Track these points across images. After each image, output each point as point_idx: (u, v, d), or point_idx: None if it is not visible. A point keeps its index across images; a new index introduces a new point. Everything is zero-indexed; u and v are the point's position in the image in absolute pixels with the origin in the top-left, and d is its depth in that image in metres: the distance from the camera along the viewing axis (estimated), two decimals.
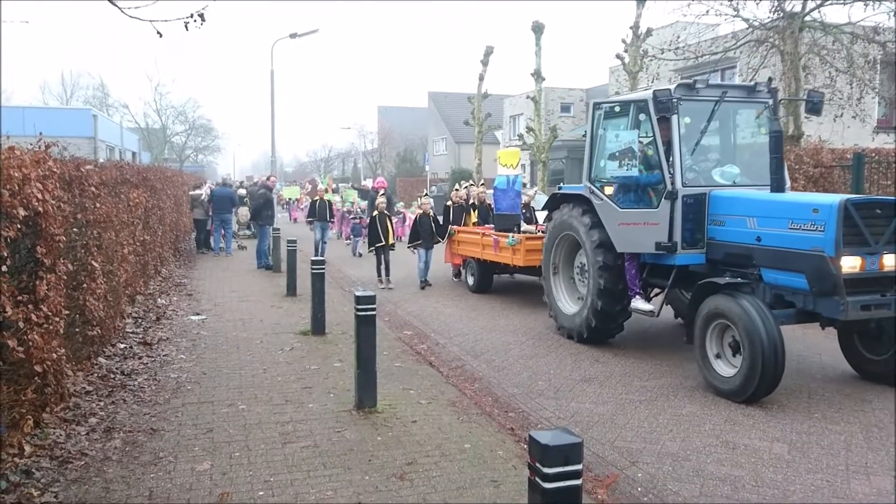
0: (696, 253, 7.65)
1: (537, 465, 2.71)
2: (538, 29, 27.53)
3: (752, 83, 8.18)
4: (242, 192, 22.50)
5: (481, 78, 32.54)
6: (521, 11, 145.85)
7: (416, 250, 13.80)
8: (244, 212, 21.78)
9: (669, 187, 7.53)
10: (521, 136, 31.31)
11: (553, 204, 9.71)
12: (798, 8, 15.26)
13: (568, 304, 9.42)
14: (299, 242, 13.65)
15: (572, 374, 7.58)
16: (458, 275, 14.50)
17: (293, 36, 21.85)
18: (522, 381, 7.38)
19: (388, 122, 67.12)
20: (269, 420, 5.88)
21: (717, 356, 6.81)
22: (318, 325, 9.15)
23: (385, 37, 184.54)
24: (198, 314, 10.45)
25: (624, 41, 21.73)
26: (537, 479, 2.72)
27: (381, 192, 15.79)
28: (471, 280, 13.38)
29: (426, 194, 15.77)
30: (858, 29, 15.79)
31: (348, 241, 21.18)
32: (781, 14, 15.35)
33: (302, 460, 5.04)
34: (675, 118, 7.52)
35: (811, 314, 6.72)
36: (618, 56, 21.94)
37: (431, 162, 49.67)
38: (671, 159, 7.60)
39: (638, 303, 8.30)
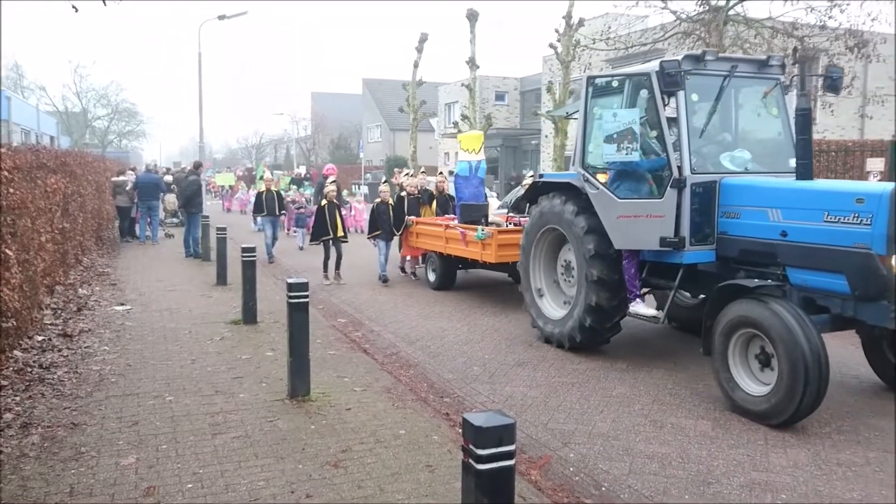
0: (705, 249, 6.71)
1: (471, 446, 2.72)
2: (473, 17, 27.61)
3: (765, 56, 7.19)
4: (169, 178, 21.78)
5: (416, 65, 32.42)
6: None
7: (375, 242, 12.75)
8: (171, 199, 21.12)
9: (676, 174, 6.55)
10: (456, 124, 31.37)
11: (533, 194, 8.53)
12: (722, 2, 15.77)
13: (554, 309, 8.31)
14: (229, 230, 13.32)
15: (507, 359, 7.66)
16: (412, 273, 13.39)
17: (221, 17, 21.21)
18: (457, 366, 7.41)
19: (321, 108, 66.12)
20: (198, 411, 5.72)
21: (743, 371, 5.87)
22: (249, 314, 8.95)
23: (319, 22, 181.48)
24: (122, 304, 10.06)
25: (557, 31, 22.00)
26: (471, 460, 2.72)
27: (332, 179, 14.21)
28: (432, 276, 12.16)
29: (385, 181, 14.01)
30: (778, 24, 16.42)
31: (293, 232, 19.68)
32: (707, 7, 15.84)
33: (232, 451, 4.92)
34: (681, 94, 6.58)
35: (850, 321, 5.86)
36: (551, 45, 22.20)
37: (366, 149, 49.20)
38: (678, 142, 6.66)
39: (639, 307, 7.21)
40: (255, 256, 9.14)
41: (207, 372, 6.84)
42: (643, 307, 7.23)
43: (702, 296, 7.80)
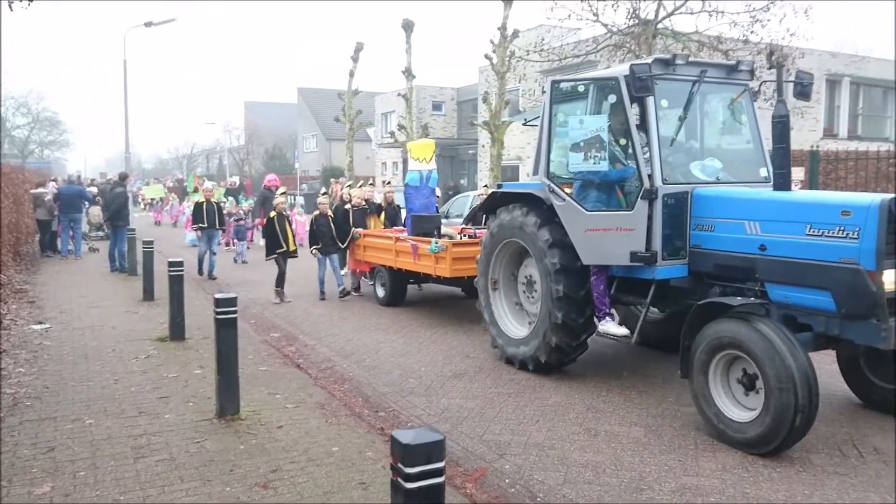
0: (677, 264, 6.36)
1: (399, 465, 2.65)
2: (408, 26, 27.59)
3: (734, 61, 6.96)
4: (94, 190, 20.96)
5: (352, 74, 32.18)
6: (392, 8, 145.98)
7: (316, 255, 12.12)
8: (96, 212, 20.34)
9: (647, 185, 6.18)
10: (392, 134, 31.27)
11: (491, 206, 8.03)
12: (651, 16, 16.22)
13: (515, 328, 7.84)
14: (161, 244, 12.90)
15: (443, 371, 7.60)
16: (355, 289, 12.55)
17: (148, 24, 20.58)
18: (393, 379, 7.31)
19: (255, 117, 64.94)
20: (120, 434, 5.45)
21: (725, 395, 5.49)
22: (176, 331, 8.64)
23: (252, 30, 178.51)
24: (40, 323, 9.57)
25: (492, 42, 22.18)
26: (399, 479, 2.65)
27: (281, 190, 13.94)
28: (381, 291, 11.53)
29: (324, 192, 13.41)
30: (704, 38, 17.00)
31: (233, 246, 18.48)
32: (637, 21, 16.26)
33: (156, 475, 4.70)
34: (651, 100, 6.25)
35: (834, 340, 5.55)
36: (486, 56, 22.37)
37: (301, 159, 48.65)
38: (648, 150, 6.33)
39: (609, 325, 6.83)
40: (182, 270, 8.85)
41: (131, 392, 6.55)
42: (613, 326, 6.84)
43: (668, 311, 7.40)
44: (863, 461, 5.19)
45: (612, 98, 6.43)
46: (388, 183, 14.75)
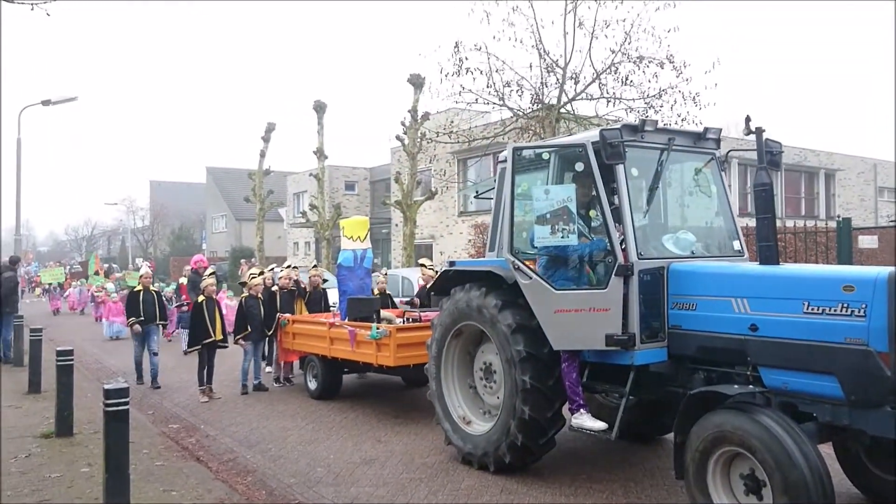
0: (657, 347, 5.79)
1: None
2: (320, 108, 27.96)
3: (702, 128, 6.63)
4: None
5: (262, 154, 32.14)
6: (304, 89, 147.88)
7: (247, 343, 10.91)
8: None
9: (621, 260, 5.69)
10: (304, 214, 31.09)
11: (443, 285, 7.34)
12: (555, 101, 17.04)
13: (475, 423, 7.03)
14: (49, 330, 12.06)
15: (353, 457, 7.30)
16: (286, 379, 11.59)
17: (46, 103, 19.92)
18: (300, 469, 6.95)
19: (161, 197, 63.40)
20: None
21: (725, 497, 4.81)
22: (63, 426, 7.99)
23: (159, 107, 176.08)
24: None
25: (403, 124, 22.71)
26: None
27: (210, 271, 12.02)
28: (312, 384, 10.46)
29: (262, 273, 12.02)
30: (604, 121, 17.96)
31: (176, 335, 16.52)
32: (541, 105, 17.03)
33: None
34: (621, 168, 5.82)
35: (842, 430, 4.93)
36: (398, 137, 22.84)
37: (210, 240, 47.52)
38: (619, 223, 5.90)
39: (583, 419, 6.01)
40: (71, 360, 8.30)
41: (7, 496, 5.95)
42: (588, 419, 6.01)
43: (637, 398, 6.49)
44: None
45: (580, 166, 5.99)
46: (315, 266, 13.50)
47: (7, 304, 14.28)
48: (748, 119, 5.62)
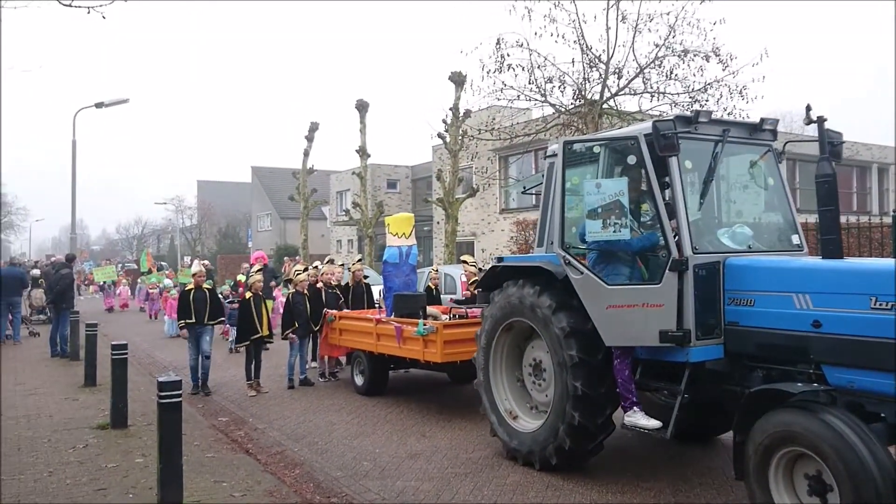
0: (713, 344, 5.62)
1: None
2: (362, 107, 28.17)
3: (759, 119, 6.37)
4: (36, 272, 20.32)
5: (306, 153, 32.50)
6: (347, 89, 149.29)
7: (292, 337, 11.01)
8: (38, 294, 19.66)
9: (675, 254, 5.56)
10: (347, 212, 31.39)
11: (491, 281, 7.30)
12: (597, 96, 16.87)
13: (524, 420, 6.96)
14: (102, 326, 12.44)
15: (398, 452, 7.37)
16: (331, 374, 11.72)
17: (99, 105, 20.52)
18: (346, 462, 7.04)
19: (208, 196, 64.67)
20: None
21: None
22: (118, 417, 8.24)
23: (206, 109, 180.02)
24: None
25: (445, 121, 22.74)
26: None
27: (257, 267, 12.09)
28: (359, 379, 10.49)
29: (306, 269, 12.06)
30: (647, 116, 17.72)
31: (227, 336, 15.90)
32: (583, 101, 16.88)
33: None
34: (675, 161, 5.68)
35: None
36: (439, 135, 22.87)
37: (255, 238, 48.33)
38: (675, 216, 5.72)
39: (636, 417, 5.87)
40: (126, 354, 8.53)
41: (66, 485, 6.16)
42: (642, 417, 5.85)
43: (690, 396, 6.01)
44: None
45: (632, 159, 5.88)
46: (360, 260, 13.67)
47: (63, 301, 14.79)
48: (809, 108, 5.49)
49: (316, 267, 12.72)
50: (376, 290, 12.76)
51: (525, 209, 26.20)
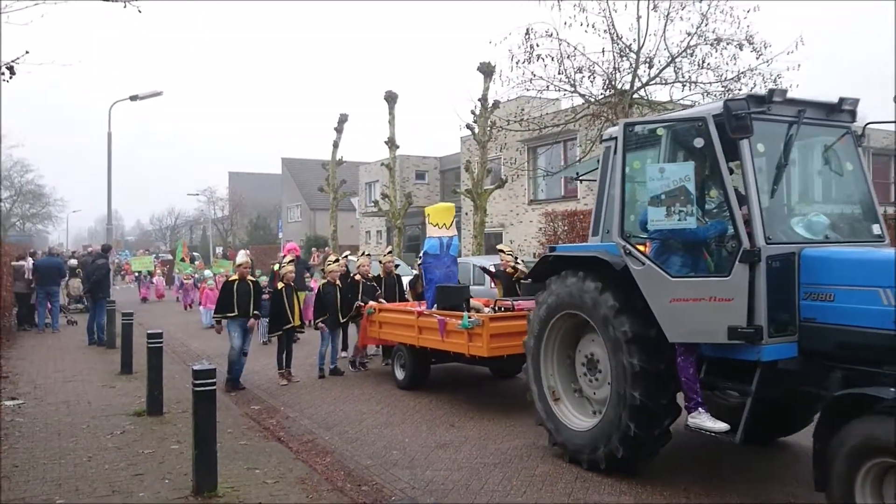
0: (786, 342, 5.25)
1: None
2: (391, 98, 28.25)
3: (837, 99, 5.91)
4: (73, 262, 20.78)
5: (335, 145, 32.72)
6: (375, 81, 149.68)
7: (321, 329, 11.09)
8: (75, 284, 20.10)
9: (746, 244, 5.19)
10: (376, 203, 31.56)
11: (543, 271, 7.00)
12: (627, 86, 16.71)
13: (573, 416, 6.67)
14: (138, 315, 12.70)
15: (427, 441, 7.43)
16: (360, 363, 11.76)
17: (134, 98, 20.85)
18: (377, 451, 7.12)
19: (239, 188, 65.44)
20: None
21: None
22: (154, 405, 8.42)
23: (237, 101, 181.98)
24: (13, 399, 9.29)
25: (473, 112, 22.70)
26: None
27: (289, 258, 12.16)
28: (400, 373, 10.26)
29: (336, 260, 12.08)
30: (679, 106, 17.50)
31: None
32: (613, 91, 16.73)
33: None
34: (746, 143, 5.29)
35: None
36: (468, 126, 22.85)
37: (286, 229, 48.77)
38: (746, 203, 5.35)
39: (702, 418, 5.50)
40: (161, 343, 8.71)
41: (105, 470, 6.32)
42: (708, 419, 5.47)
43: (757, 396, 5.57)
44: None
45: (699, 142, 5.46)
46: (391, 252, 13.49)
47: (100, 290, 15.12)
48: None
49: (346, 257, 12.80)
50: (404, 281, 12.82)
51: (553, 200, 26.08)
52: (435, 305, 9.68)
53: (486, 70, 22.08)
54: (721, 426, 5.41)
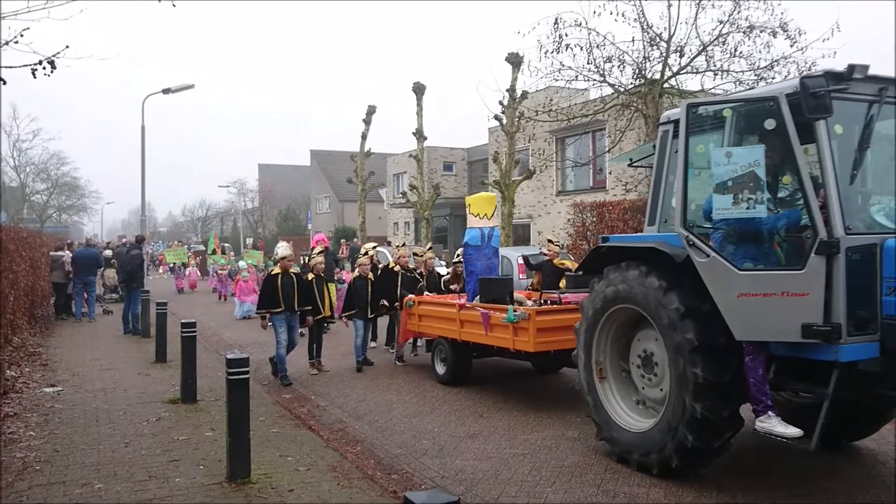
0: (867, 341, 4.83)
1: None
2: (419, 90, 28.27)
3: None
4: (108, 253, 21.20)
5: (364, 136, 32.84)
6: (403, 72, 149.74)
7: (351, 322, 11.15)
8: (111, 274, 20.51)
9: (823, 235, 4.79)
10: (404, 194, 31.66)
11: (594, 263, 6.69)
12: (657, 76, 16.53)
13: (628, 416, 6.30)
14: (171, 305, 12.93)
15: (457, 431, 7.47)
16: (398, 357, 11.61)
17: (166, 91, 21.15)
18: (406, 440, 7.19)
19: (269, 179, 66.14)
20: (129, 499, 5.36)
21: None
22: (188, 393, 8.58)
23: (266, 94, 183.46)
24: (52, 386, 9.55)
25: (501, 103, 22.63)
26: None
27: (318, 249, 12.13)
28: (440, 368, 9.95)
29: (366, 253, 11.99)
30: (710, 95, 17.28)
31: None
32: (643, 81, 16.57)
33: None
34: (823, 125, 4.87)
35: None
36: (496, 117, 22.79)
37: (315, 220, 49.18)
38: (822, 190, 4.95)
39: (772, 422, 5.13)
40: (195, 332, 8.85)
41: (142, 455, 6.47)
42: (778, 423, 5.11)
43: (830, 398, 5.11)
44: None
45: (770, 123, 5.00)
46: (430, 248, 12.98)
47: (134, 280, 15.42)
48: None
49: (375, 248, 12.81)
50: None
51: (582, 191, 25.93)
52: (477, 298, 9.45)
53: (515, 60, 21.97)
54: (793, 431, 5.05)
